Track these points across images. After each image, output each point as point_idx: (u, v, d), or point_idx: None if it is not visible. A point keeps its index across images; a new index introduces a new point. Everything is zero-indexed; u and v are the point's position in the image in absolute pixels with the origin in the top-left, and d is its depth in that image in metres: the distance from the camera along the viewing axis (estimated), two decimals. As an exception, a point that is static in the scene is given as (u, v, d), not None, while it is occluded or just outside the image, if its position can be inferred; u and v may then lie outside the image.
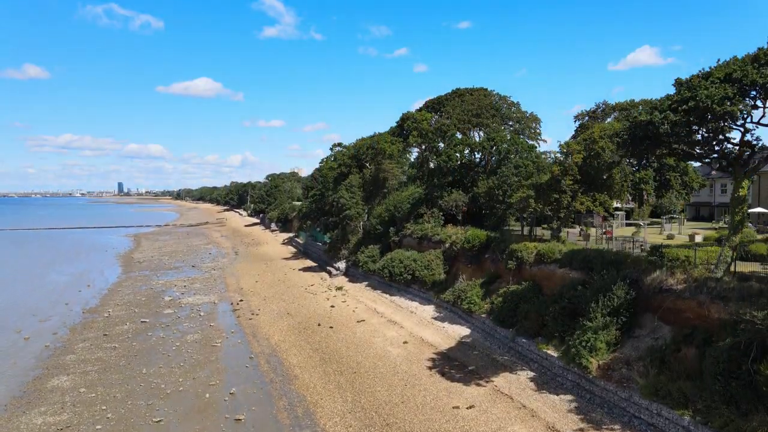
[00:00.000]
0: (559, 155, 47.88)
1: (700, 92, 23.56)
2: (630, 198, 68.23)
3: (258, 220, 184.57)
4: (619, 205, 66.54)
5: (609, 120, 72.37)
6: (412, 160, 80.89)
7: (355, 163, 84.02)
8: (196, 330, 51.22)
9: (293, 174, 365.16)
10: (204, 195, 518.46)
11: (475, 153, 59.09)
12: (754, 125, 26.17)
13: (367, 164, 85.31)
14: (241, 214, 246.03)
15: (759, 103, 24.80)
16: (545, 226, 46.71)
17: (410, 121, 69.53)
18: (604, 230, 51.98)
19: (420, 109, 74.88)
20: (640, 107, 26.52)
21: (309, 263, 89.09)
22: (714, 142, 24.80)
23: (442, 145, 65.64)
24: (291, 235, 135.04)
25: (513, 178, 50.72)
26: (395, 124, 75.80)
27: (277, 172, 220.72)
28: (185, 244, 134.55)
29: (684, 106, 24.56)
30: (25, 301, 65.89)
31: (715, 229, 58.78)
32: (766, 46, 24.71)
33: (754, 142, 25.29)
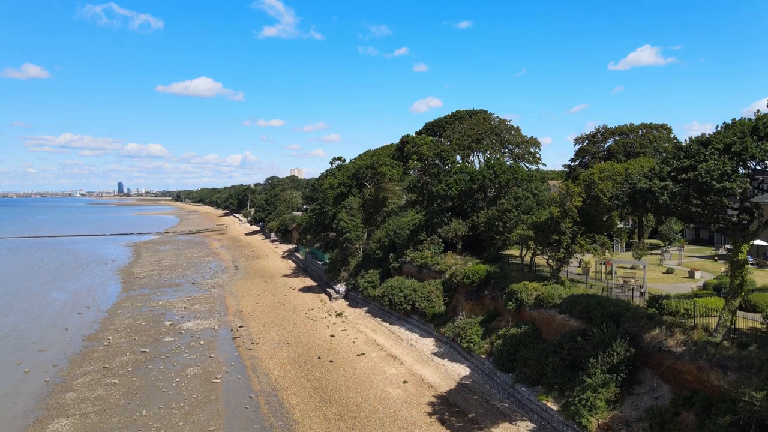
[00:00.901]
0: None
1: (699, 166, 23.61)
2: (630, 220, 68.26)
3: (258, 228, 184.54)
4: (621, 225, 66.60)
5: (609, 143, 72.61)
6: (412, 175, 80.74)
7: (354, 182, 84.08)
8: (196, 362, 51.24)
9: (293, 179, 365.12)
10: (204, 197, 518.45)
11: (475, 181, 59.00)
12: (754, 189, 26.24)
13: (367, 184, 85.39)
14: (240, 220, 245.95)
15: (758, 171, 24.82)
16: (546, 255, 46.67)
17: (410, 145, 69.56)
18: (603, 261, 52.12)
19: (420, 132, 74.89)
20: (639, 175, 26.35)
21: (309, 282, 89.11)
22: (713, 212, 24.84)
23: (442, 168, 65.62)
24: (291, 246, 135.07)
25: (513, 212, 50.73)
26: (395, 147, 75.90)
27: (277, 175, 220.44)
28: (185, 255, 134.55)
29: (683, 175, 24.61)
30: (26, 326, 65.94)
31: (715, 258, 58.85)
32: (764, 113, 24.74)
33: (753, 210, 25.32)
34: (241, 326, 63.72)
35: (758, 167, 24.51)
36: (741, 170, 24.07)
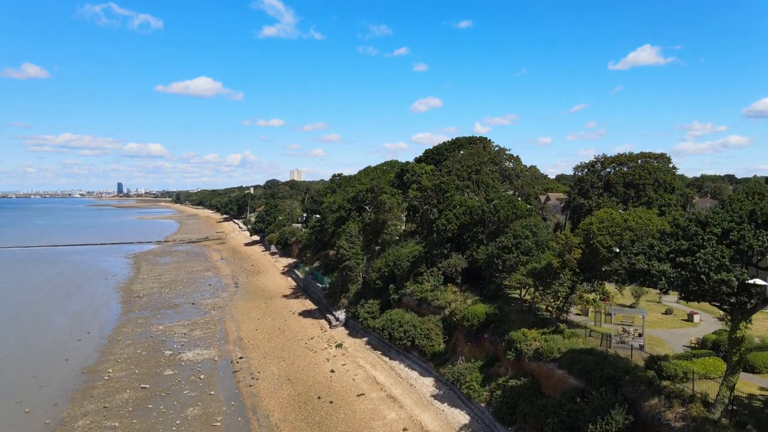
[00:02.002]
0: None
1: (697, 255, 23.77)
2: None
3: (258, 238, 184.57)
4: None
5: (609, 170, 72.71)
6: (413, 201, 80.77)
7: (354, 206, 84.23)
8: (196, 400, 51.38)
9: (293, 184, 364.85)
10: (203, 200, 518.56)
11: (475, 215, 59.19)
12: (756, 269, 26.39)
13: (367, 207, 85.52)
14: (240, 228, 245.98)
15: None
16: (545, 303, 46.85)
17: (409, 174, 69.70)
18: (602, 297, 52.35)
19: (420, 159, 75.01)
20: (639, 255, 26.44)
21: (309, 305, 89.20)
22: (711, 296, 25.01)
23: (442, 200, 65.75)
24: (291, 261, 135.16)
25: (513, 252, 50.88)
26: (394, 175, 76.04)
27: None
28: (185, 270, 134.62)
29: (681, 258, 24.77)
30: (28, 355, 66.08)
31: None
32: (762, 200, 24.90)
33: (752, 290, 25.47)
34: (241, 357, 63.85)
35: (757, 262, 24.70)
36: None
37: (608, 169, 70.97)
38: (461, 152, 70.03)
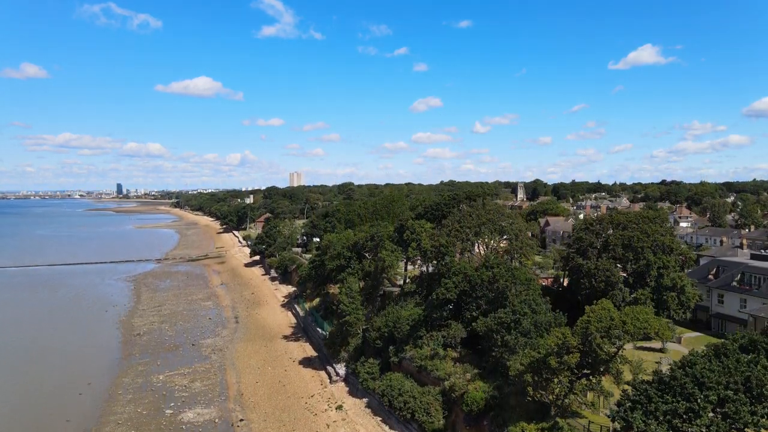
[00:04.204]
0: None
1: (694, 424, 24.21)
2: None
3: (258, 258, 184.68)
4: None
5: (610, 232, 72.89)
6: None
7: (354, 254, 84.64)
8: (197, 478, 51.76)
9: (291, 194, 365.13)
10: (203, 205, 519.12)
11: (474, 284, 59.65)
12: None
13: (367, 255, 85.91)
14: (240, 242, 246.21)
15: None
16: (545, 398, 47.05)
17: (409, 231, 70.11)
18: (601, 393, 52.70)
19: (420, 215, 75.37)
20: (636, 409, 26.78)
21: (309, 350, 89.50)
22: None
23: (442, 259, 66.30)
24: (291, 290, 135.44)
25: (512, 332, 51.28)
26: (393, 230, 76.43)
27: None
28: (185, 298, 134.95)
29: (677, 422, 25.20)
30: (27, 412, 66.58)
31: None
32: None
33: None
34: (242, 420, 64.22)
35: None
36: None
37: (609, 230, 71.21)
38: (461, 207, 70.52)
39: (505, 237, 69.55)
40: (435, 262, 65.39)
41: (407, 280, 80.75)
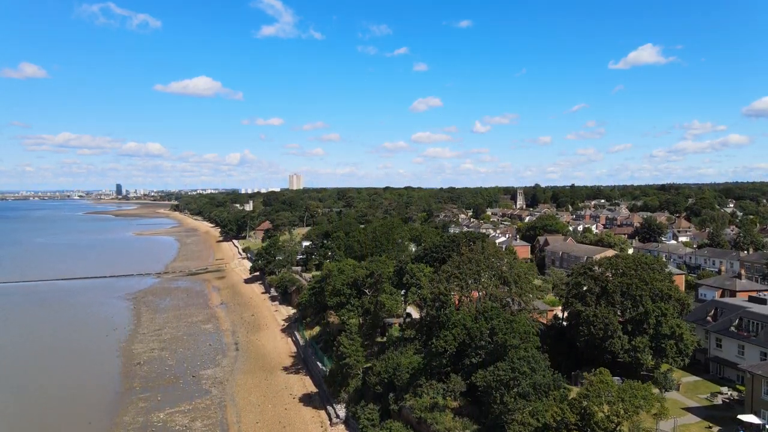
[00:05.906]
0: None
1: None
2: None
3: (258, 274, 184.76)
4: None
5: (608, 276, 73.21)
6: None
7: (354, 291, 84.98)
8: None
9: (291, 202, 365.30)
10: (203, 210, 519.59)
11: (473, 336, 60.00)
12: None
13: (366, 291, 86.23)
14: (240, 254, 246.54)
15: None
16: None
17: (408, 276, 70.49)
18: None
19: (419, 257, 75.68)
20: None
21: (309, 384, 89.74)
22: None
23: (441, 307, 66.65)
24: (291, 312, 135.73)
25: (510, 391, 51.62)
26: (393, 271, 76.78)
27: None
28: (185, 320, 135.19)
29: None
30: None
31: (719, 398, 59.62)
32: None
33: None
34: (242, 468, 64.59)
35: None
36: None
37: (609, 274, 71.48)
38: (460, 250, 70.96)
39: (503, 284, 69.84)
40: (434, 310, 65.76)
41: (407, 319, 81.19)
